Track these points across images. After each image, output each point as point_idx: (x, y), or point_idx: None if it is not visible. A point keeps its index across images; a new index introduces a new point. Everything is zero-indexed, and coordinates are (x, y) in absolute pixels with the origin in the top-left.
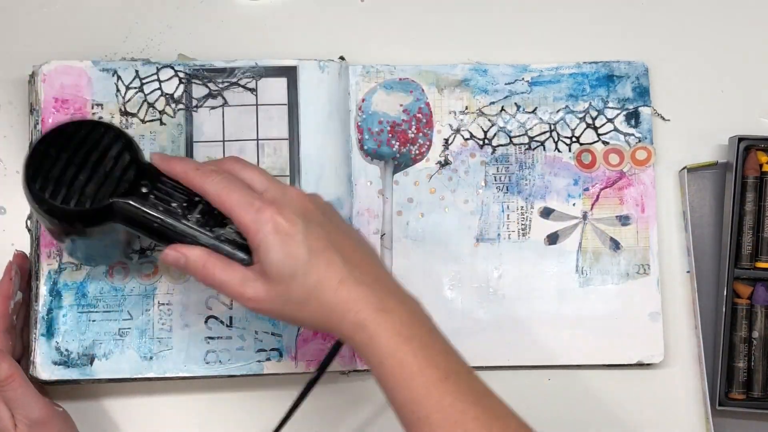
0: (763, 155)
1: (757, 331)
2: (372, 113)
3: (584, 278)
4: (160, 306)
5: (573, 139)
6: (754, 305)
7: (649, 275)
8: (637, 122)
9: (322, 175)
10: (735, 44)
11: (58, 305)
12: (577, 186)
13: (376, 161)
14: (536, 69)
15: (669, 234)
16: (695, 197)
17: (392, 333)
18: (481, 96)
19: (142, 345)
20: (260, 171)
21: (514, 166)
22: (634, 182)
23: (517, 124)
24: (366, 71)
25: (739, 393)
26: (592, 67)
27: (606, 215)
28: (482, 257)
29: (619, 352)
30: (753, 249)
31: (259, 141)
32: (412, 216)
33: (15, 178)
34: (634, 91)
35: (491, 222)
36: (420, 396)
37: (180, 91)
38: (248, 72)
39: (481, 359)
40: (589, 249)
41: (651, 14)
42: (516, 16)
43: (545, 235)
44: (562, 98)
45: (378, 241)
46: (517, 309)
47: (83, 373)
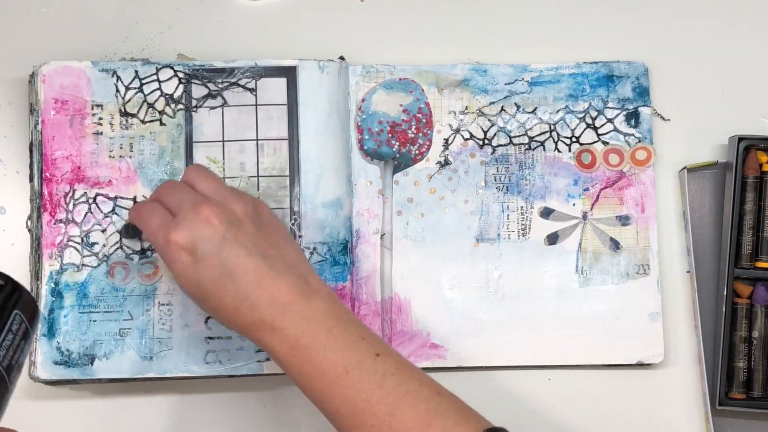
0: (763, 155)
1: (757, 331)
2: (372, 113)
3: (584, 278)
4: (161, 306)
5: (573, 139)
6: (754, 305)
7: (649, 275)
8: (637, 122)
9: (322, 175)
10: (735, 44)
11: (60, 306)
12: (577, 186)
13: (376, 161)
14: (536, 69)
15: (669, 234)
16: (695, 197)
17: (287, 347)
18: (481, 96)
19: (142, 345)
20: (210, 181)
21: (514, 166)
22: (634, 182)
23: (517, 124)
24: (366, 71)
25: (739, 393)
26: (592, 67)
27: (606, 215)
28: (482, 257)
29: (619, 352)
30: (753, 249)
31: (259, 141)
32: (412, 216)
33: (15, 178)
34: (634, 91)
35: (491, 222)
36: (327, 396)
37: (180, 92)
38: (248, 72)
39: (482, 359)
40: (589, 249)
41: (651, 14)
42: (516, 15)
43: (545, 235)
44: (562, 98)
45: (378, 241)
46: (517, 309)
47: (84, 373)
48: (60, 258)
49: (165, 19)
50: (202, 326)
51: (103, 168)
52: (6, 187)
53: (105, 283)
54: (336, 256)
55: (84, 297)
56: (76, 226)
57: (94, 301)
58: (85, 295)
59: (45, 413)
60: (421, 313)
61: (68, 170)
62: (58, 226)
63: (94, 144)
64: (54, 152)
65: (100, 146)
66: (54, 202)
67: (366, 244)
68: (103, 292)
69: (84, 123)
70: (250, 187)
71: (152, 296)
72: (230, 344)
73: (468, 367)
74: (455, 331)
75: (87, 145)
